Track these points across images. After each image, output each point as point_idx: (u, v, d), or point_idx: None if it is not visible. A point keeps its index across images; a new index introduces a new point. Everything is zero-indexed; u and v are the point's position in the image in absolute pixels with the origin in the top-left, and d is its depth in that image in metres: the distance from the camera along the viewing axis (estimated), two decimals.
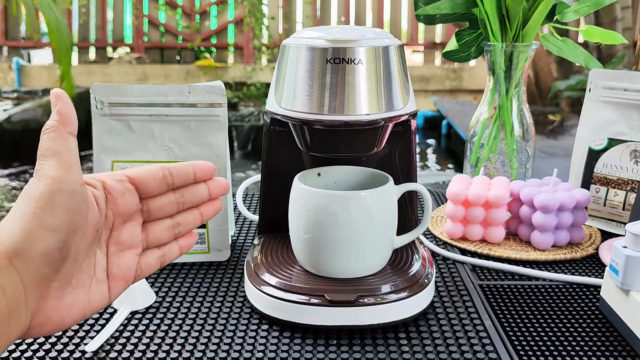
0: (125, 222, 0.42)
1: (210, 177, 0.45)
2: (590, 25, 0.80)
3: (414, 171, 0.63)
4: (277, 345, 0.50)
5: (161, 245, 0.44)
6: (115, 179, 0.41)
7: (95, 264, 0.40)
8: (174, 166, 0.44)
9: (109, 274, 0.41)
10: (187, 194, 0.44)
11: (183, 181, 0.44)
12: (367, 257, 0.55)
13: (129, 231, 0.42)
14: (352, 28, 0.55)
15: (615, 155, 0.77)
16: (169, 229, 0.44)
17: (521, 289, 0.61)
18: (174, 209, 0.44)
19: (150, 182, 0.42)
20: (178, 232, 0.45)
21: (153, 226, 0.44)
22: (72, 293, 0.38)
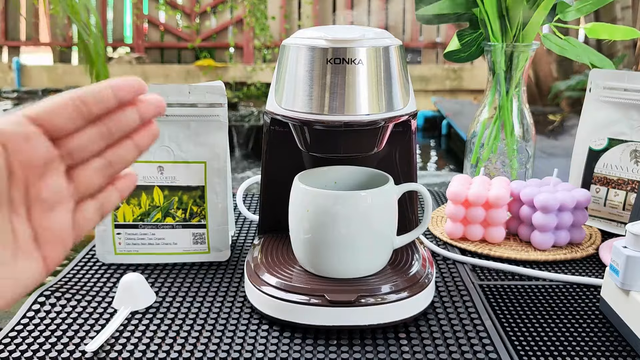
0: (42, 174, 0.33)
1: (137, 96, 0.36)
2: (596, 22, 0.80)
3: (414, 171, 0.63)
4: (277, 345, 0.50)
5: (96, 193, 0.36)
6: (12, 123, 0.32)
7: (16, 233, 0.32)
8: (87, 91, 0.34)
9: (40, 241, 0.33)
10: (112, 123, 0.35)
11: (103, 108, 0.35)
12: (367, 257, 0.55)
13: (50, 185, 0.33)
14: (352, 28, 0.55)
15: (615, 155, 0.77)
16: (99, 170, 0.36)
17: (521, 289, 0.61)
18: (100, 145, 0.35)
19: (60, 117, 0.33)
20: (112, 172, 0.37)
21: (80, 172, 0.35)
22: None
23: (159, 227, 0.67)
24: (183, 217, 0.67)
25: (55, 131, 0.33)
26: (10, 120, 0.32)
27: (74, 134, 0.34)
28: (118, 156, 0.36)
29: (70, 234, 0.35)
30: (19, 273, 0.32)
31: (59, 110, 0.33)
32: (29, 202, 0.33)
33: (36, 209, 0.33)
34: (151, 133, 0.37)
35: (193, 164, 0.66)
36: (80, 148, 0.35)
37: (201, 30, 5.97)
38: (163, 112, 0.37)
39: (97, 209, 0.36)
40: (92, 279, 0.63)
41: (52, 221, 0.34)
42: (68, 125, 0.34)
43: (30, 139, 0.32)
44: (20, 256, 0.32)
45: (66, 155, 0.34)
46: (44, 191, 0.33)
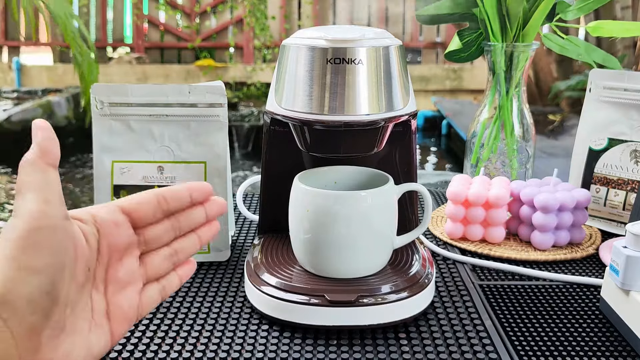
0: (122, 257, 0.38)
1: (207, 198, 0.42)
2: (599, 20, 0.80)
3: (414, 171, 0.63)
4: (277, 345, 0.50)
5: (160, 277, 0.41)
6: (107, 211, 0.38)
7: (93, 307, 0.36)
8: (169, 190, 0.40)
9: (110, 315, 0.37)
10: (184, 219, 0.41)
11: (179, 206, 0.40)
12: (367, 257, 0.55)
13: (126, 266, 0.38)
14: (352, 28, 0.55)
15: (615, 155, 0.77)
16: (167, 258, 0.41)
17: (521, 289, 0.61)
18: (171, 237, 0.41)
19: (145, 210, 0.39)
20: (177, 260, 0.42)
21: (151, 258, 0.40)
22: (68, 341, 0.34)
23: None
24: None
25: (139, 221, 0.39)
26: (105, 208, 0.38)
27: (152, 224, 0.40)
28: (183, 247, 0.42)
29: (135, 312, 0.39)
30: (92, 343, 0.36)
31: (144, 204, 0.39)
32: (107, 280, 0.38)
33: (112, 287, 0.38)
34: (213, 230, 0.43)
35: (193, 164, 0.66)
36: (155, 238, 0.40)
37: (201, 30, 5.97)
38: (225, 212, 0.43)
39: (159, 291, 0.41)
40: None
41: (123, 299, 0.38)
42: (150, 217, 0.39)
43: (119, 225, 0.38)
44: (93, 328, 0.36)
45: (143, 242, 0.40)
46: (120, 272, 0.38)
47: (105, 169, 0.66)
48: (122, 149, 0.66)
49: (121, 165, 0.66)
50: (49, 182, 0.34)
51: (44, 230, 0.32)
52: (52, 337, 0.33)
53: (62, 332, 0.33)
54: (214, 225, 0.43)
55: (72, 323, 0.34)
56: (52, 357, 0.33)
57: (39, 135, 0.34)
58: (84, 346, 0.35)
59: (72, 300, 0.34)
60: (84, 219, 0.36)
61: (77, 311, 0.35)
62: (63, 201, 0.34)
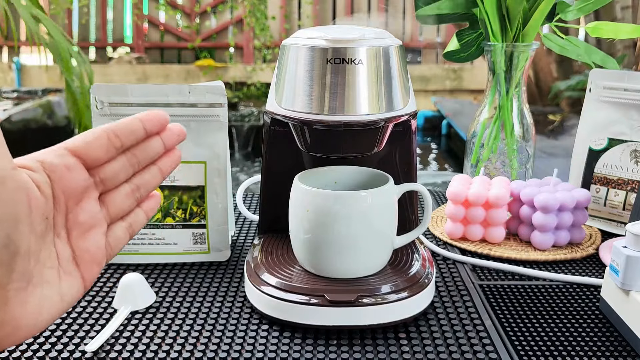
0: (80, 200, 0.37)
1: (164, 128, 0.40)
2: (598, 22, 0.80)
3: (414, 171, 0.63)
4: (277, 345, 0.50)
5: (125, 215, 0.40)
6: (55, 155, 0.36)
7: (58, 255, 0.35)
8: (119, 125, 0.38)
9: (78, 261, 0.36)
10: (140, 152, 0.39)
11: (133, 140, 0.39)
12: (367, 257, 0.55)
13: (86, 210, 0.37)
14: (352, 28, 0.55)
15: (615, 155, 0.77)
16: (128, 195, 0.40)
17: (521, 289, 0.61)
18: (129, 172, 0.39)
19: (96, 149, 0.37)
20: (139, 195, 0.40)
21: (112, 197, 0.39)
22: (38, 292, 0.33)
23: (159, 227, 0.67)
24: (183, 217, 0.67)
25: (91, 161, 0.37)
26: (53, 152, 0.36)
27: (107, 163, 0.38)
28: (144, 181, 0.40)
29: (104, 253, 0.38)
30: (63, 291, 0.35)
31: (95, 142, 0.37)
32: (68, 226, 0.36)
33: (74, 232, 0.37)
34: (174, 159, 0.42)
35: (193, 164, 0.66)
36: (112, 176, 0.38)
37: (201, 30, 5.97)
38: (183, 139, 0.41)
39: (126, 229, 0.40)
40: None
41: (89, 243, 0.37)
42: (102, 156, 0.37)
43: (71, 169, 0.36)
44: (62, 276, 0.35)
45: (100, 183, 0.38)
46: (81, 216, 0.37)
47: None
48: None
49: None
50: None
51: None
52: (19, 289, 0.32)
53: (29, 284, 0.33)
54: (175, 154, 0.42)
55: (39, 273, 0.34)
56: (23, 310, 0.33)
57: None
58: (55, 295, 0.34)
59: (34, 251, 0.33)
60: (33, 166, 0.35)
61: (42, 261, 0.34)
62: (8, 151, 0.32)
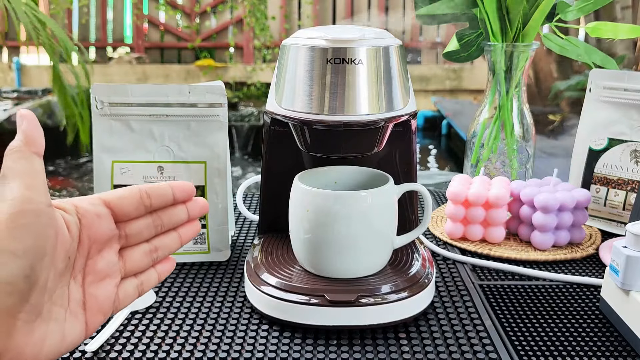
0: (102, 249, 0.39)
1: (190, 198, 0.43)
2: (598, 22, 0.80)
3: (414, 171, 0.63)
4: (277, 345, 0.50)
5: (138, 272, 0.42)
6: (89, 203, 0.38)
7: (70, 296, 0.37)
8: (152, 187, 0.41)
9: (86, 306, 0.38)
10: (165, 216, 0.42)
11: (161, 203, 0.41)
12: (367, 257, 0.55)
13: (105, 259, 0.39)
14: (352, 28, 0.55)
15: (615, 155, 0.77)
16: (146, 254, 0.42)
17: (521, 289, 0.61)
18: (152, 233, 0.42)
19: (127, 204, 0.40)
20: (156, 257, 0.42)
21: (130, 252, 0.41)
22: (43, 327, 0.34)
23: None
24: None
25: (121, 215, 0.39)
26: (88, 200, 0.38)
27: (134, 220, 0.40)
28: (163, 244, 0.42)
29: (111, 305, 0.39)
30: (66, 331, 0.36)
31: (127, 198, 0.40)
32: (86, 270, 0.38)
33: (89, 277, 0.38)
34: (194, 229, 0.44)
35: (193, 164, 0.66)
36: (136, 233, 0.41)
37: (201, 30, 5.97)
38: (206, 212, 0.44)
39: (137, 286, 0.41)
40: None
41: (100, 291, 0.38)
42: (132, 212, 0.40)
43: (101, 217, 0.38)
44: (69, 317, 0.36)
45: (124, 237, 0.40)
46: (100, 263, 0.39)
47: (105, 169, 0.66)
48: (122, 149, 0.66)
49: (121, 165, 0.66)
50: (34, 169, 0.34)
51: (27, 214, 0.32)
52: (27, 321, 0.33)
53: (37, 318, 0.34)
54: (195, 224, 0.44)
55: (49, 310, 0.35)
56: (26, 342, 0.33)
57: (24, 124, 0.35)
58: (58, 334, 0.35)
59: (50, 287, 0.35)
60: (67, 208, 0.37)
61: (54, 298, 0.35)
62: (47, 189, 0.34)
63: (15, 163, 0.34)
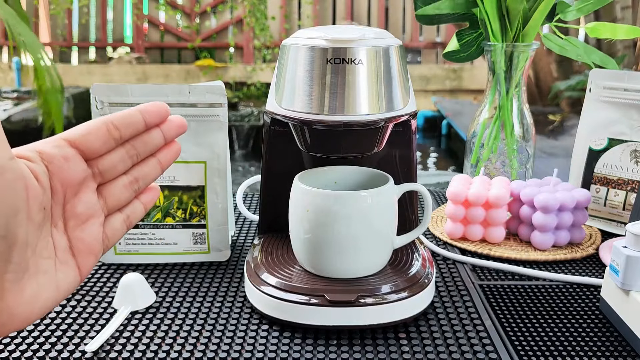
0: (78, 191, 0.37)
1: (164, 119, 0.40)
2: (597, 22, 0.80)
3: (414, 171, 0.63)
4: (277, 345, 0.50)
5: (122, 206, 0.40)
6: (54, 145, 0.36)
7: (55, 245, 0.35)
8: (119, 117, 0.38)
9: (74, 251, 0.36)
10: (139, 144, 0.39)
11: (132, 132, 0.38)
12: (367, 257, 0.55)
13: (84, 201, 0.37)
14: (352, 28, 0.55)
15: (615, 155, 0.77)
16: (126, 187, 0.39)
17: (521, 289, 0.61)
18: (128, 164, 0.39)
19: (94, 140, 0.37)
20: (138, 187, 0.40)
21: (109, 188, 0.39)
22: (34, 282, 0.33)
23: (159, 227, 0.67)
24: (183, 217, 0.67)
25: (89, 153, 0.37)
26: (51, 143, 0.36)
27: (106, 154, 0.38)
28: (143, 173, 0.40)
29: (100, 244, 0.38)
30: (59, 281, 0.35)
31: (93, 134, 0.37)
32: (65, 216, 0.36)
33: (71, 222, 0.37)
34: (173, 151, 0.41)
35: (193, 164, 0.66)
36: (110, 167, 0.38)
37: (201, 30, 5.97)
38: (184, 131, 0.41)
39: (123, 221, 0.40)
40: (92, 278, 0.63)
41: (85, 233, 0.37)
42: (101, 147, 0.37)
43: (69, 159, 0.36)
44: (59, 266, 0.35)
45: (98, 174, 0.38)
46: (78, 206, 0.37)
47: None
48: None
49: None
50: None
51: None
52: (15, 280, 0.32)
53: (25, 274, 0.33)
54: (174, 147, 0.41)
55: (35, 263, 0.34)
56: (18, 299, 0.33)
57: None
58: (51, 285, 0.35)
59: (32, 241, 0.33)
60: (31, 157, 0.35)
61: (39, 251, 0.34)
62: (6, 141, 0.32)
63: None
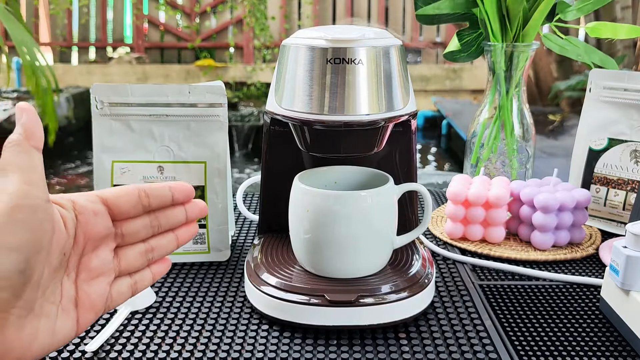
0: (97, 246, 0.38)
1: (189, 200, 0.42)
2: (597, 22, 0.80)
3: (414, 171, 0.63)
4: (277, 345, 0.50)
5: (133, 272, 0.41)
6: (87, 199, 0.38)
7: (62, 293, 0.36)
8: (151, 187, 0.40)
9: (78, 303, 0.37)
10: (163, 217, 0.41)
11: (160, 203, 0.41)
12: (367, 257, 0.55)
13: (100, 257, 0.39)
14: (352, 28, 0.55)
15: (615, 155, 0.77)
16: (142, 254, 0.41)
17: (521, 289, 0.61)
18: (149, 233, 0.41)
19: (125, 203, 0.39)
20: (151, 257, 0.42)
21: (126, 251, 0.41)
22: (34, 323, 0.34)
23: None
24: None
25: (118, 213, 0.39)
26: (85, 196, 0.38)
27: (131, 219, 0.40)
28: (160, 244, 0.42)
29: (103, 303, 0.39)
30: (57, 328, 0.36)
31: (126, 196, 0.39)
32: (79, 268, 0.38)
33: (82, 275, 0.38)
34: (192, 231, 0.44)
35: (193, 164, 0.66)
36: (133, 232, 0.40)
37: (201, 30, 5.97)
38: (205, 215, 0.44)
39: (130, 285, 0.41)
40: None
41: (93, 289, 0.38)
42: (129, 210, 0.40)
43: (98, 215, 0.38)
44: (60, 313, 0.36)
45: (120, 235, 0.40)
46: (94, 261, 0.38)
47: (105, 169, 0.66)
48: (122, 149, 0.66)
49: (121, 165, 0.66)
50: (33, 163, 0.34)
51: (25, 209, 0.32)
52: (19, 316, 0.33)
53: (29, 313, 0.34)
54: (193, 227, 0.44)
55: (41, 306, 0.34)
56: (17, 337, 0.33)
57: (23, 117, 0.35)
58: (49, 330, 0.35)
59: (44, 283, 0.34)
60: (64, 204, 0.36)
61: (47, 294, 0.35)
62: (45, 184, 0.34)
63: (14, 157, 0.33)
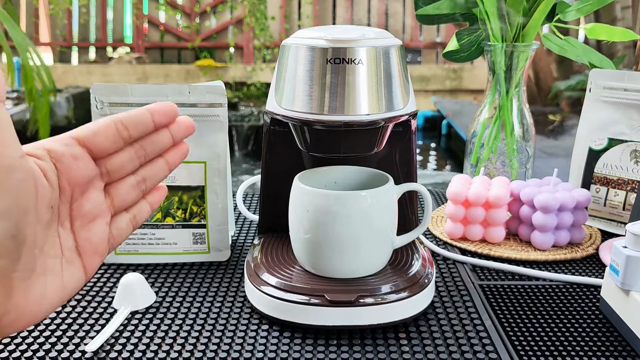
0: (85, 190, 0.36)
1: (173, 120, 0.40)
2: (596, 23, 0.80)
3: (414, 171, 0.63)
4: (277, 345, 0.50)
5: (129, 206, 0.40)
6: (63, 144, 0.35)
7: (61, 244, 0.35)
8: (128, 116, 0.38)
9: (80, 250, 0.36)
10: (148, 144, 0.39)
11: (141, 132, 0.38)
12: (367, 257, 0.55)
13: (91, 200, 0.37)
14: (352, 28, 0.55)
15: (615, 155, 0.77)
16: (134, 187, 0.39)
17: (521, 289, 0.61)
18: (136, 164, 0.39)
19: (103, 140, 0.36)
20: (145, 187, 0.40)
21: (117, 188, 0.38)
22: (41, 281, 0.33)
23: (159, 227, 0.67)
24: (183, 217, 0.67)
25: (98, 152, 0.37)
26: (60, 141, 0.35)
27: (114, 154, 0.38)
28: (151, 173, 0.40)
29: (106, 244, 0.38)
30: (65, 280, 0.35)
31: (102, 133, 0.37)
32: (72, 215, 0.36)
33: (78, 222, 0.36)
34: (181, 152, 0.41)
35: (193, 164, 0.66)
36: (118, 167, 0.38)
37: (201, 30, 5.97)
38: (192, 132, 0.41)
39: (129, 220, 0.40)
40: (92, 278, 0.63)
41: (92, 233, 0.37)
42: (110, 146, 0.37)
43: (78, 158, 0.36)
44: (65, 265, 0.35)
45: (106, 174, 0.38)
46: (85, 206, 0.36)
47: None
48: None
49: None
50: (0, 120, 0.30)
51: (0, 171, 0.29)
52: (22, 279, 0.32)
53: (32, 273, 0.33)
54: (182, 147, 0.41)
55: (42, 263, 0.34)
56: (26, 298, 0.32)
57: None
58: (57, 284, 0.34)
59: (39, 241, 0.33)
60: (40, 154, 0.34)
61: (46, 250, 0.34)
62: (17, 139, 0.31)
63: None
